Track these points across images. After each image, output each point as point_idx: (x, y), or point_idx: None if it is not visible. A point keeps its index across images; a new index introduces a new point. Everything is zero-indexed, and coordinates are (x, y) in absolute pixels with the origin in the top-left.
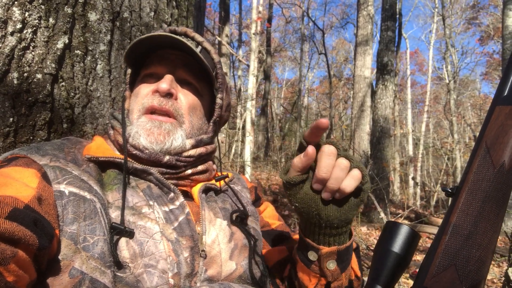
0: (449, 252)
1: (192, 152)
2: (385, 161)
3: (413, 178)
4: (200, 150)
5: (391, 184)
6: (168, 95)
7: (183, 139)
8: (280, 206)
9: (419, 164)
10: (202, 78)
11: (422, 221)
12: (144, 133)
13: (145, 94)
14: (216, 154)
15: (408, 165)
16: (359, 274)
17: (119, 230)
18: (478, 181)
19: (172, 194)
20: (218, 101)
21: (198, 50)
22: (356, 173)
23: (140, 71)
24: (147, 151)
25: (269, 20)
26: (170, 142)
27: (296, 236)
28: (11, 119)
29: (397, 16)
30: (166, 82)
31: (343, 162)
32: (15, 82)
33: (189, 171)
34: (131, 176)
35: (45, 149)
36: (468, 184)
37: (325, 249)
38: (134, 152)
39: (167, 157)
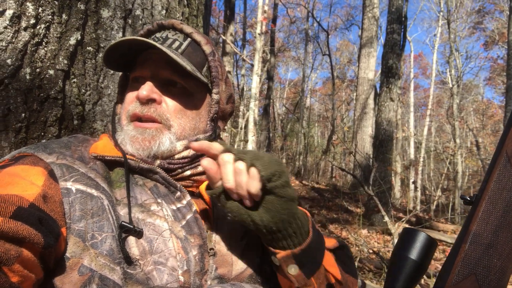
0: (469, 261)
1: (185, 153)
2: (388, 164)
3: (414, 182)
4: None
5: (392, 187)
6: (150, 101)
7: (172, 142)
8: None
9: (420, 168)
10: (189, 73)
11: (424, 226)
12: (129, 141)
13: (130, 100)
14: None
15: (409, 169)
16: (339, 277)
17: (128, 229)
18: (498, 190)
19: (178, 193)
20: (214, 96)
21: (186, 43)
22: (253, 172)
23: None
24: (135, 157)
25: (274, 20)
26: (157, 146)
27: None
28: (23, 114)
29: (402, 19)
30: (145, 89)
31: (238, 166)
32: (28, 77)
33: (188, 172)
34: (137, 175)
35: (52, 147)
36: (488, 193)
37: (280, 254)
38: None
39: (157, 162)
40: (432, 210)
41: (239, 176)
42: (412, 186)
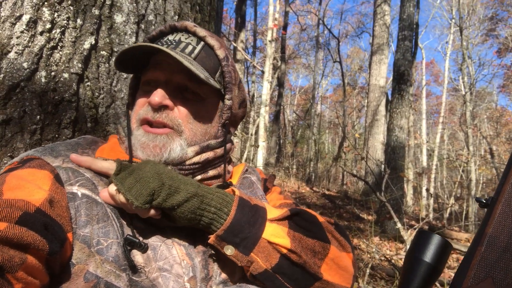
0: (485, 263)
1: (196, 159)
2: (400, 171)
3: (427, 190)
4: (206, 155)
5: (405, 195)
6: (162, 107)
7: (183, 148)
8: None
9: (432, 176)
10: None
11: (437, 233)
12: (140, 147)
13: (141, 104)
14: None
15: (422, 176)
16: (289, 246)
17: (132, 242)
18: None
19: None
20: (227, 102)
21: (199, 47)
22: (130, 203)
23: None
24: None
25: (285, 27)
26: (168, 154)
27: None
28: (38, 116)
29: (414, 26)
30: (158, 96)
31: (120, 200)
32: (43, 80)
33: (198, 177)
34: None
35: (58, 150)
36: (504, 195)
37: (210, 239)
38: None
39: (169, 168)
40: (445, 218)
41: (125, 206)
42: (424, 194)
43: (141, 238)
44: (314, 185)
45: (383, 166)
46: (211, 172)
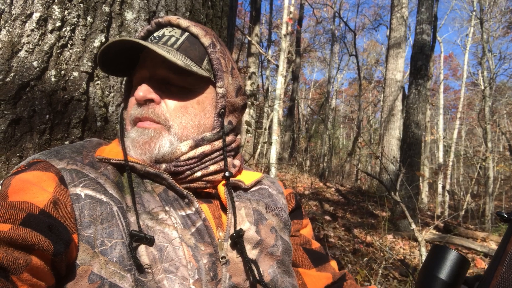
0: (506, 284)
1: (192, 153)
2: (416, 169)
3: (444, 187)
4: (202, 149)
5: (420, 192)
6: (147, 101)
7: (172, 143)
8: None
9: (449, 172)
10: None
11: (453, 232)
12: (131, 145)
13: (132, 104)
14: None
15: (438, 174)
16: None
17: (139, 237)
18: None
19: (187, 199)
20: (219, 90)
21: (183, 38)
22: None
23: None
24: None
25: (300, 20)
26: (157, 150)
27: (333, 262)
28: (47, 116)
29: (432, 19)
30: (142, 90)
31: None
32: (53, 79)
33: (198, 174)
34: (146, 180)
35: (63, 153)
36: None
37: None
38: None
39: (163, 166)
40: (461, 216)
41: None
42: (440, 191)
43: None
44: (328, 180)
45: (398, 164)
46: (212, 167)
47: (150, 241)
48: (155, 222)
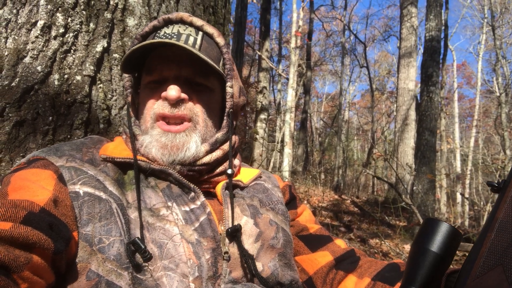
0: (495, 251)
1: (207, 159)
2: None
3: (462, 194)
4: (216, 155)
5: (437, 202)
6: (180, 101)
7: (197, 145)
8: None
9: (467, 181)
10: (209, 69)
11: (473, 241)
12: (157, 145)
13: (154, 100)
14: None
15: (455, 182)
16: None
17: (138, 247)
18: None
19: (192, 194)
20: (229, 90)
21: (200, 37)
22: None
23: (140, 73)
24: (156, 162)
25: (310, 34)
26: (184, 153)
27: (339, 241)
28: (50, 118)
29: (443, 27)
30: (175, 90)
31: None
32: (56, 83)
33: (205, 176)
34: (151, 176)
35: (63, 150)
36: None
37: None
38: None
39: (178, 167)
40: (481, 225)
41: None
42: (459, 199)
43: (148, 237)
44: (343, 193)
45: (410, 170)
46: (218, 170)
47: (145, 257)
48: (156, 218)
